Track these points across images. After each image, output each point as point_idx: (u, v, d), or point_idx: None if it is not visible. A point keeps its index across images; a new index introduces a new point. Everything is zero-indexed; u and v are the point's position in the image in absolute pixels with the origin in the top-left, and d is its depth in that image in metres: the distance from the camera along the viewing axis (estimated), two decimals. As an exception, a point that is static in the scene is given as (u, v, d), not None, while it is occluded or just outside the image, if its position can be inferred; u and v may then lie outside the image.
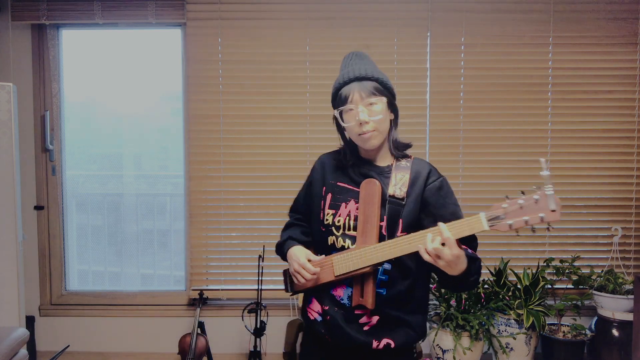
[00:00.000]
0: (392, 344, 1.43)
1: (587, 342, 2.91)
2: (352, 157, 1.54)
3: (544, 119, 3.19)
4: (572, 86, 3.17)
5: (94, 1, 3.19)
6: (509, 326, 2.88)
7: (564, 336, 2.91)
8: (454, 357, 2.74)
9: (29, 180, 3.32)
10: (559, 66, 3.17)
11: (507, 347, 2.86)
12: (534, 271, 2.98)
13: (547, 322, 2.95)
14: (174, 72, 3.38)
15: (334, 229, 1.48)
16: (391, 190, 1.43)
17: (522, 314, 2.79)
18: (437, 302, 2.95)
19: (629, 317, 2.79)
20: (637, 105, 3.18)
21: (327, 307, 1.47)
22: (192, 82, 3.23)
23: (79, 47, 3.45)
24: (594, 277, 3.00)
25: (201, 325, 3.06)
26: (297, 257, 1.49)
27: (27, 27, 3.29)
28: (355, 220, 1.44)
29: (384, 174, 1.48)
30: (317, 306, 1.52)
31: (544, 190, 1.18)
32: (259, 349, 2.97)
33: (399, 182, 1.44)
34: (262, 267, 2.99)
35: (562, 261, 3.02)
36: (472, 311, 2.85)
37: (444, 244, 1.24)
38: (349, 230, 1.46)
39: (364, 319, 1.44)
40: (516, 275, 2.98)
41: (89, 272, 3.60)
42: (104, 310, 3.37)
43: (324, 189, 1.54)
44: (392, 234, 1.40)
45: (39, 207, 3.34)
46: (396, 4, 3.17)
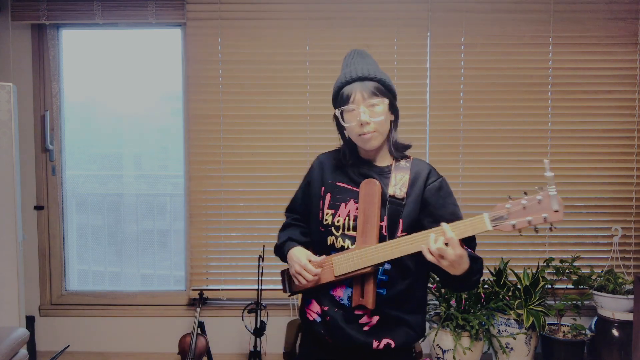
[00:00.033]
0: (392, 343, 1.43)
1: (587, 342, 2.91)
2: (352, 156, 1.53)
3: (544, 119, 3.19)
4: (572, 86, 3.18)
5: (94, 1, 3.19)
6: (509, 326, 2.88)
7: (564, 336, 2.91)
8: (454, 357, 2.74)
9: (29, 180, 3.32)
10: (559, 66, 3.17)
11: (507, 347, 2.86)
12: (534, 271, 2.98)
13: (547, 322, 2.95)
14: (174, 72, 3.38)
15: (333, 229, 1.47)
16: (391, 190, 1.43)
17: (522, 314, 2.79)
18: (437, 302, 2.95)
19: (629, 317, 2.79)
20: (637, 105, 3.18)
21: (327, 308, 1.47)
22: (192, 82, 3.23)
23: (79, 47, 3.45)
24: (594, 277, 3.00)
25: (201, 325, 3.06)
26: (298, 258, 1.48)
27: (27, 27, 3.29)
28: (354, 220, 1.44)
29: (383, 174, 1.48)
30: (316, 307, 1.51)
31: (547, 190, 1.18)
32: (259, 349, 2.97)
33: (399, 183, 1.44)
34: (262, 267, 2.99)
35: (562, 261, 3.02)
36: (472, 311, 2.85)
37: (447, 244, 1.25)
38: (348, 230, 1.45)
39: (364, 319, 1.44)
40: (516, 275, 2.98)
41: (89, 272, 3.60)
42: (104, 310, 3.37)
43: (323, 189, 1.54)
44: (392, 234, 1.40)
45: (39, 207, 3.34)
46: (396, 4, 3.17)
